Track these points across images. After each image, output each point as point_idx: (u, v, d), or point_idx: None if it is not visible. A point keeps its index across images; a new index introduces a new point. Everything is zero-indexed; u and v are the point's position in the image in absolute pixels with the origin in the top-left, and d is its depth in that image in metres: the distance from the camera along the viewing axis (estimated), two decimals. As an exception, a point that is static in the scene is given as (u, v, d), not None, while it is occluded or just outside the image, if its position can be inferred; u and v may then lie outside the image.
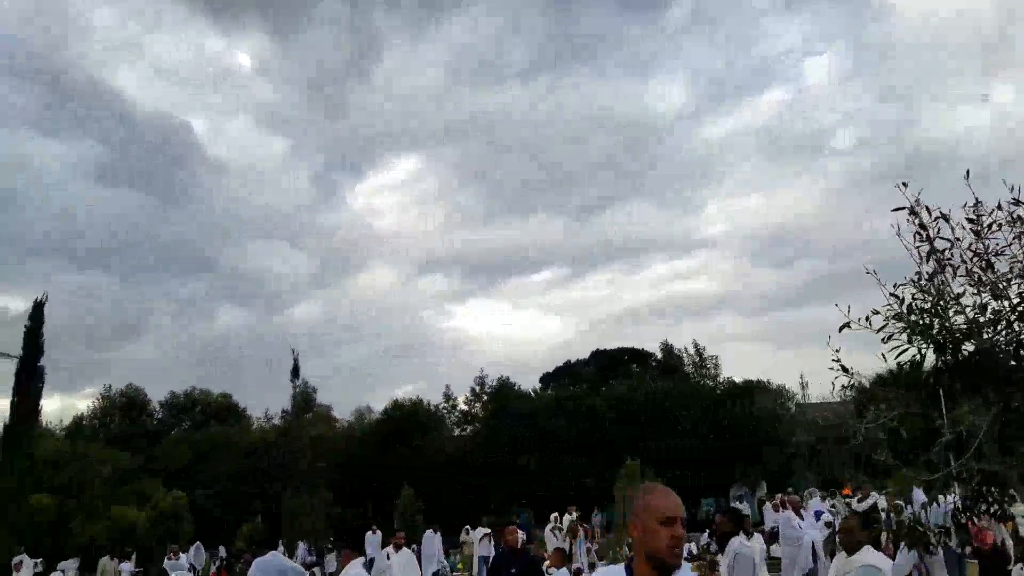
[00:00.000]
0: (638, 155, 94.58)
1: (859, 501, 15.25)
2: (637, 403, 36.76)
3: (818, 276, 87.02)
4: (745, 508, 26.26)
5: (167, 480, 33.02)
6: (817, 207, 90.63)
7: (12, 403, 24.24)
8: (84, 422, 52.76)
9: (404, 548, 15.76)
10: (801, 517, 15.31)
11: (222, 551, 31.82)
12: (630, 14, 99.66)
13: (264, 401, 67.32)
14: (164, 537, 26.86)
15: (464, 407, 53.89)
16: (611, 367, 50.81)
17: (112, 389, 54.87)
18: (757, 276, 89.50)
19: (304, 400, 57.30)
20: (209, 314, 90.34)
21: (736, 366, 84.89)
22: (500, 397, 50.31)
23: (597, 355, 52.61)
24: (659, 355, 50.96)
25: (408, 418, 41.31)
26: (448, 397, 50.99)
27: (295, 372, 18.40)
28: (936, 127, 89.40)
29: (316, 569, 24.77)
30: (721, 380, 44.12)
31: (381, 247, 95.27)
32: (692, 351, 50.64)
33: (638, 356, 51.75)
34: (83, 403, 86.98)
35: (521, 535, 15.01)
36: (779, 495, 22.16)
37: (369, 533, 23.27)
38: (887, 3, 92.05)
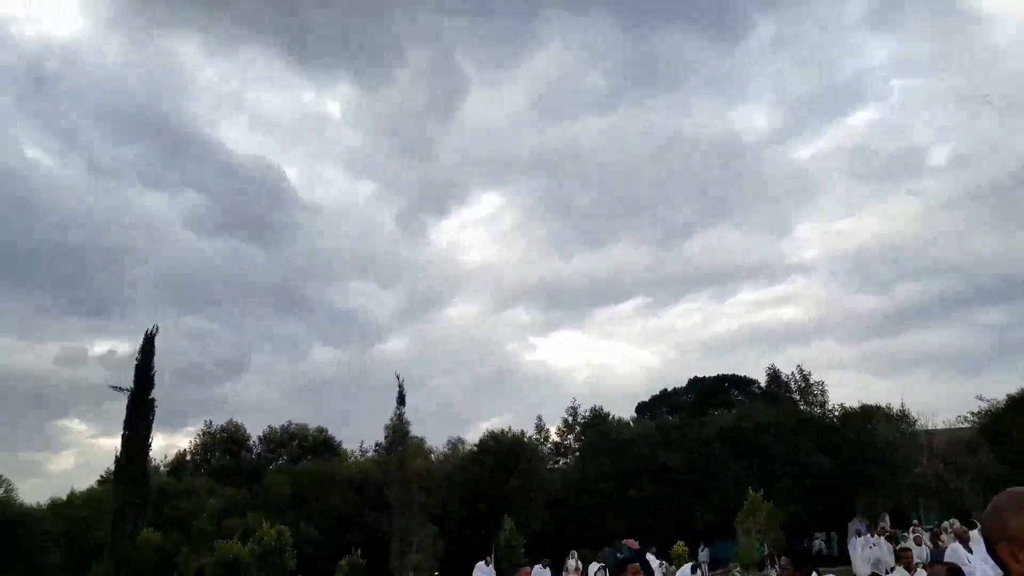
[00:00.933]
0: (723, 180, 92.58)
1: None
2: (746, 431, 34.79)
3: (916, 299, 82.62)
4: (870, 544, 24.05)
5: (270, 514, 32.97)
6: (912, 227, 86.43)
7: (124, 437, 24.45)
8: (187, 457, 54.14)
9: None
10: (970, 550, 13.57)
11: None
12: (710, 38, 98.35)
13: (358, 435, 68.04)
14: (268, 571, 26.63)
15: (556, 438, 52.93)
16: (711, 395, 48.89)
17: (213, 425, 56.28)
18: (852, 301, 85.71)
19: (399, 433, 57.55)
20: (304, 352, 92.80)
21: (837, 394, 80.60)
22: (595, 427, 49.01)
23: (695, 383, 50.78)
24: (763, 382, 48.89)
25: (507, 449, 40.38)
26: (540, 428, 49.97)
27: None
28: None
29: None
30: (829, 407, 41.66)
31: (465, 282, 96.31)
32: (798, 377, 48.27)
33: (739, 383, 49.65)
34: (184, 441, 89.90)
35: None
36: (941, 524, 20.20)
37: (482, 563, 22.47)
38: (980, 14, 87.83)
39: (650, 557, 20.25)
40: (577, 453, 50.41)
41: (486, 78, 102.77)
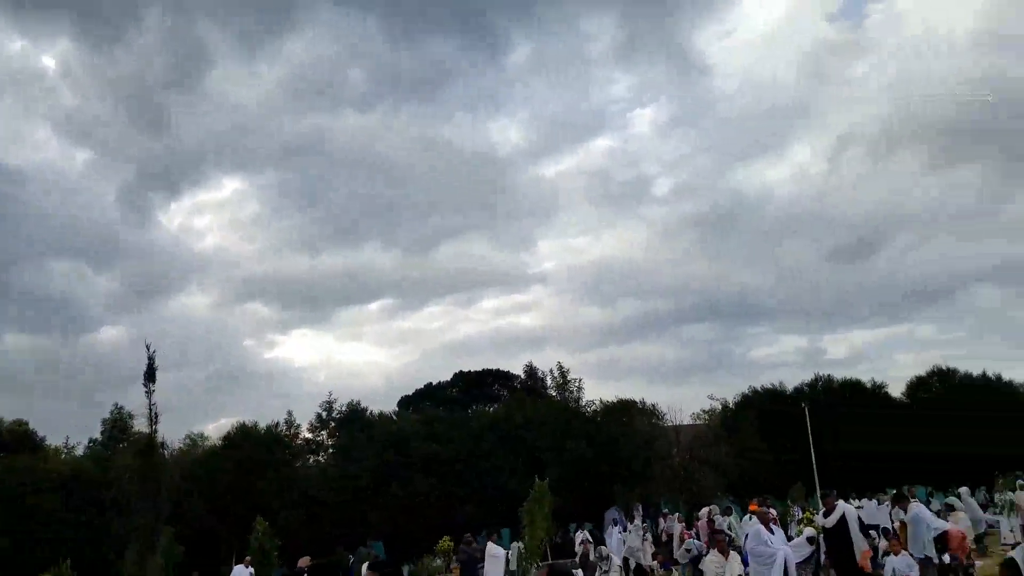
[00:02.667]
0: (477, 190, 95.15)
1: (825, 515, 13.79)
2: (515, 424, 34.51)
3: (638, 314, 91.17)
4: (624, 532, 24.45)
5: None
6: (638, 250, 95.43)
7: None
8: None
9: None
10: (771, 531, 13.61)
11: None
12: (471, 52, 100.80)
13: (63, 431, 58.87)
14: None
15: (308, 434, 49.62)
16: (475, 387, 48.62)
17: None
18: (582, 313, 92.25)
19: (118, 427, 50.36)
20: None
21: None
22: (353, 422, 46.50)
23: (460, 376, 50.24)
24: (523, 377, 49.53)
25: (260, 444, 36.61)
26: (290, 424, 46.34)
27: (150, 375, 14.37)
28: (749, 177, 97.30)
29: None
30: (584, 403, 43.04)
31: (197, 271, 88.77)
32: (556, 373, 49.56)
33: (502, 377, 49.93)
34: None
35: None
36: (705, 509, 20.78)
37: (240, 567, 19.60)
38: (706, 62, 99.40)
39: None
40: (332, 450, 47.56)
41: (235, 54, 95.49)
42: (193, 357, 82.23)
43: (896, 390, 39.85)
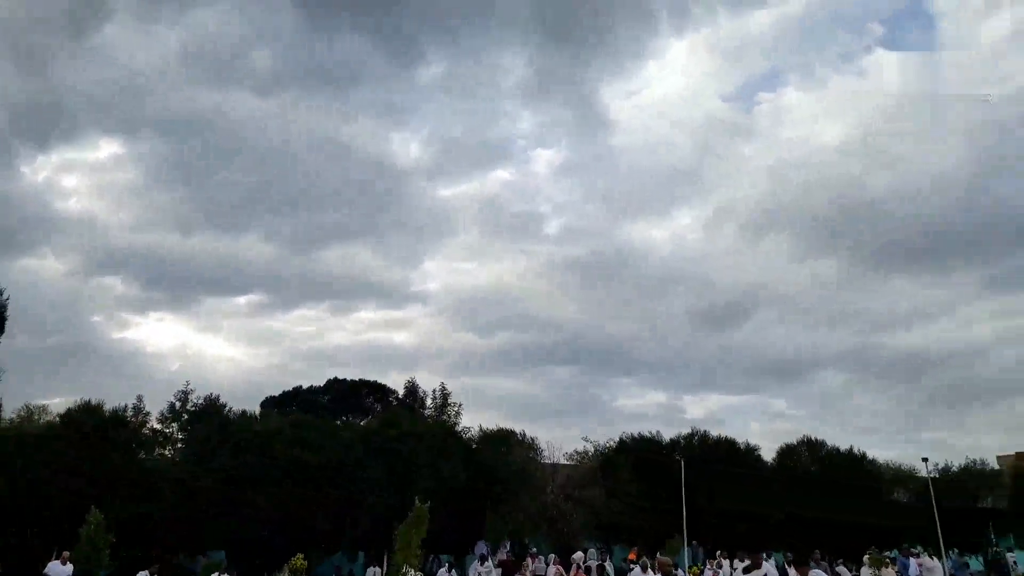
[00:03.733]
0: (371, 197, 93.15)
1: (746, 572, 13.29)
2: (390, 437, 32.80)
3: (512, 347, 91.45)
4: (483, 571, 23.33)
5: None
6: (520, 283, 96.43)
7: None
8: None
9: None
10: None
11: None
12: (384, 57, 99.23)
13: None
14: None
15: (157, 424, 45.74)
16: (350, 398, 46.38)
17: None
18: (457, 338, 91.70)
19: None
20: None
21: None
22: (209, 417, 43.21)
23: (334, 383, 47.77)
24: (401, 392, 47.74)
25: (97, 426, 33.00)
26: (139, 410, 42.44)
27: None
28: (633, 232, 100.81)
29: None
30: (460, 427, 41.82)
31: (55, 233, 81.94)
32: (438, 393, 48.10)
33: (378, 390, 47.87)
34: None
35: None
36: (579, 553, 19.93)
37: (56, 563, 17.08)
38: (608, 116, 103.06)
39: None
40: (180, 444, 43.94)
41: (135, 10, 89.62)
42: (35, 325, 75.33)
43: (766, 455, 41.03)
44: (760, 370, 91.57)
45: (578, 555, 19.46)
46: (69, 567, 18.10)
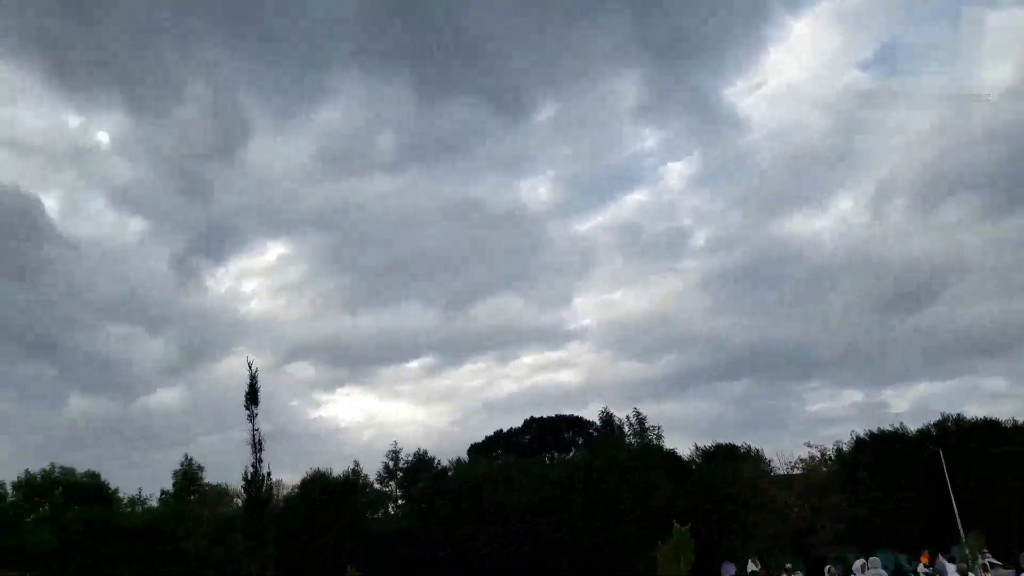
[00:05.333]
0: (509, 248, 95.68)
1: None
2: (605, 469, 32.54)
3: (679, 369, 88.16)
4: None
5: (28, 568, 25.74)
6: (675, 302, 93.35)
7: None
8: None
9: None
10: None
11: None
12: (497, 114, 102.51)
13: (132, 486, 58.32)
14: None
15: (377, 485, 48.30)
16: (549, 435, 46.79)
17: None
18: (621, 368, 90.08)
19: (188, 479, 49.69)
20: (57, 400, 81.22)
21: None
22: (421, 471, 45.08)
23: (532, 423, 48.41)
24: (598, 423, 47.56)
25: (333, 493, 35.25)
26: (357, 473, 44.96)
27: (252, 397, 13.37)
28: (787, 228, 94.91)
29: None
30: (667, 448, 40.72)
31: (245, 334, 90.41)
32: (634, 420, 47.50)
33: (575, 423, 47.96)
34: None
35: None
36: (860, 561, 18.09)
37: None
38: (736, 116, 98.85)
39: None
40: (400, 501, 46.08)
41: (271, 124, 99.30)
42: (241, 418, 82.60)
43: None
44: (964, 350, 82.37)
45: (858, 563, 17.89)
46: None
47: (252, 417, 13.75)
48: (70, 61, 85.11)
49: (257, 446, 13.50)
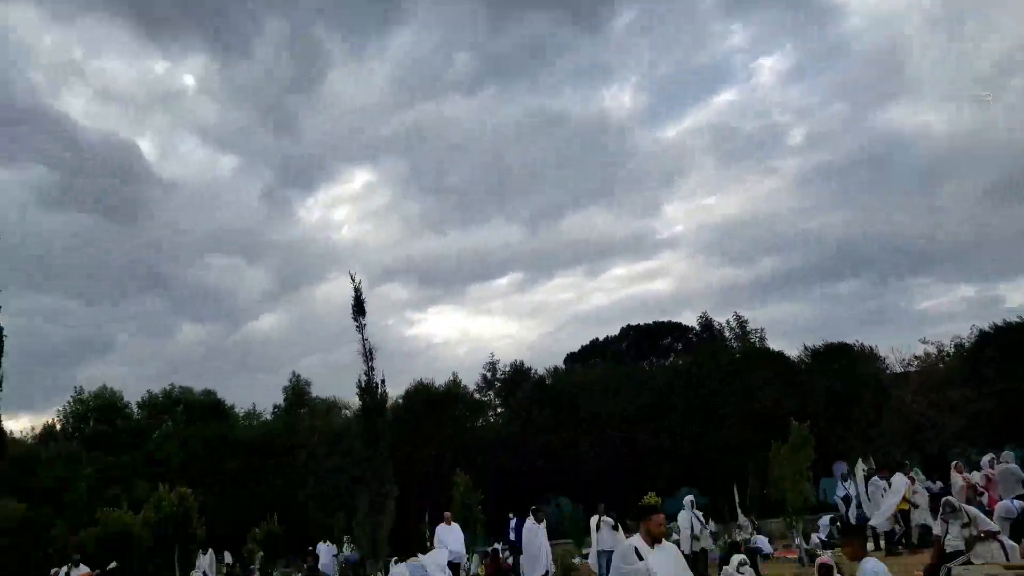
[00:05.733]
0: (593, 160, 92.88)
1: None
2: (705, 374, 31.92)
3: (775, 271, 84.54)
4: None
5: (160, 479, 27.36)
6: (772, 203, 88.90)
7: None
8: (56, 428, 46.72)
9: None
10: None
11: (227, 557, 26.54)
12: (574, 23, 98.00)
13: (245, 404, 62.25)
14: (168, 542, 21.42)
15: (476, 395, 49.20)
16: (645, 342, 46.34)
17: (84, 392, 48.93)
18: (718, 274, 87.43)
19: (297, 394, 52.00)
20: (170, 330, 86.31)
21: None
22: (521, 381, 45.57)
23: (629, 330, 48.02)
24: (698, 328, 46.80)
25: (434, 403, 36.01)
26: (456, 384, 45.66)
27: (359, 309, 13.23)
28: (893, 119, 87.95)
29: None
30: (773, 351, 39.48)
31: (337, 260, 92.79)
32: (734, 324, 46.43)
33: (674, 330, 47.29)
34: (45, 419, 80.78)
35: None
36: (988, 456, 16.79)
37: (443, 524, 18.17)
38: (830, 3, 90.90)
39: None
40: (499, 409, 46.85)
41: (348, 54, 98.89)
42: (340, 340, 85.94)
43: None
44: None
45: (986, 459, 16.60)
46: (455, 526, 19.42)
47: (360, 328, 13.61)
48: (153, 9, 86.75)
49: (368, 355, 13.41)
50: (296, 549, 27.52)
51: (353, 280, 13.60)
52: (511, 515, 23.21)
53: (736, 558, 13.03)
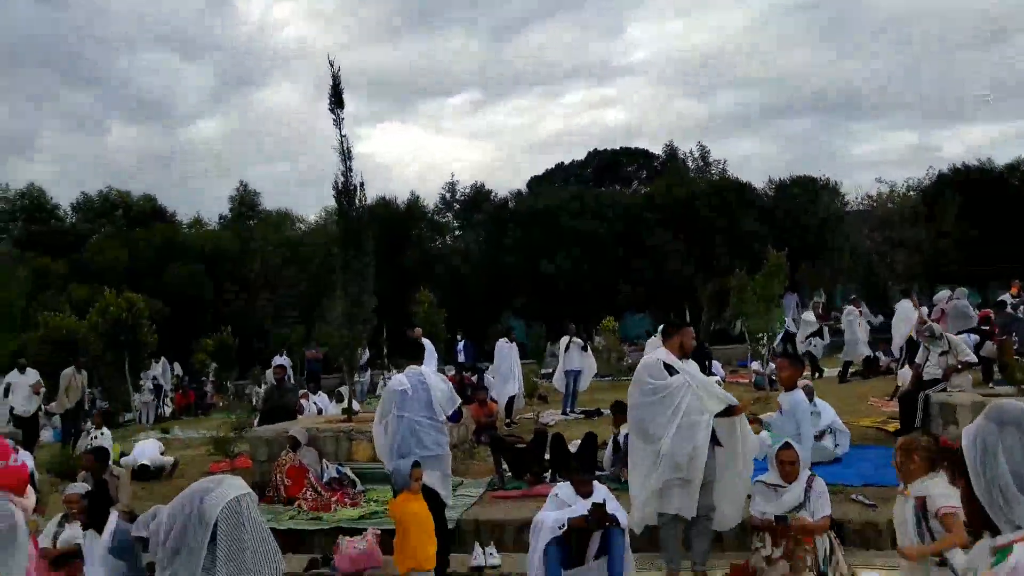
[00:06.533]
0: None
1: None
2: (678, 200, 31.01)
3: (734, 107, 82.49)
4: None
5: (102, 283, 25.73)
6: (738, 35, 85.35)
7: None
8: (-22, 228, 43.85)
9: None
10: None
11: (177, 368, 25.70)
12: None
13: (189, 211, 59.16)
14: (117, 348, 20.31)
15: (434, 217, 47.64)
16: (609, 169, 45.03)
17: (9, 189, 45.61)
18: (676, 105, 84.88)
19: (246, 205, 49.58)
20: (101, 129, 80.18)
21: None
22: (481, 202, 44.18)
23: (594, 155, 46.48)
24: (663, 156, 45.48)
25: (397, 219, 34.51)
26: (417, 201, 43.81)
27: (336, 100, 11.31)
28: None
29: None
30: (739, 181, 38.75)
31: (281, 64, 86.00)
32: (696, 154, 45.19)
33: (639, 156, 45.94)
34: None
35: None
36: (944, 291, 16.80)
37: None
38: None
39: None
40: (458, 232, 45.64)
41: None
42: (284, 151, 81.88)
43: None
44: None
45: (941, 293, 16.49)
46: (427, 342, 18.67)
47: (338, 122, 11.81)
48: None
49: (346, 154, 11.67)
50: (250, 363, 26.80)
51: (332, 65, 11.59)
52: (459, 336, 22.91)
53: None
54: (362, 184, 12.05)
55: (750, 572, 5.63)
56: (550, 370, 20.22)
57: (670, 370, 5.78)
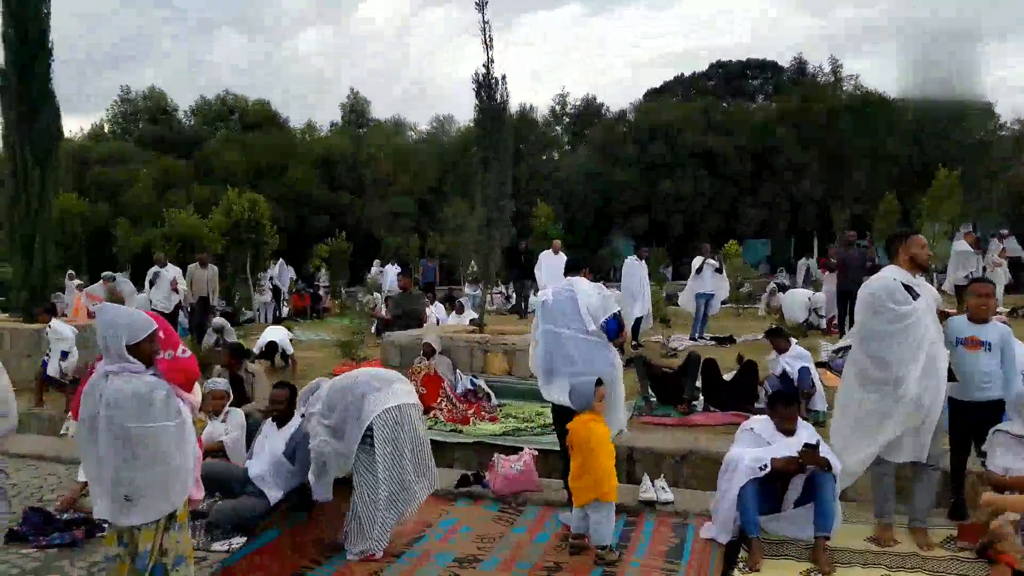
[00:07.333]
0: None
1: None
2: (815, 116, 28.62)
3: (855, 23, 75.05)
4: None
5: (222, 184, 26.01)
6: None
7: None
8: (104, 128, 45.42)
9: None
10: None
11: (291, 271, 26.00)
12: None
13: (300, 116, 59.78)
14: (239, 248, 20.50)
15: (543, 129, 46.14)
16: (734, 82, 42.17)
17: (132, 91, 46.91)
18: (793, 22, 78.41)
19: (357, 113, 49.45)
20: (210, 38, 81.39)
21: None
22: (592, 115, 42.44)
23: (718, 67, 43.58)
24: (790, 71, 42.16)
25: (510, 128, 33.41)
26: (528, 112, 42.33)
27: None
28: None
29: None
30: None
31: None
32: (827, 69, 41.69)
33: (766, 69, 42.78)
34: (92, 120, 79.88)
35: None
36: None
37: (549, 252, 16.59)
38: None
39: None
40: (568, 146, 44.14)
41: None
42: (387, 63, 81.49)
43: None
44: None
45: None
46: (562, 255, 17.95)
47: (482, 5, 10.71)
48: None
49: (488, 43, 10.63)
50: (362, 269, 26.84)
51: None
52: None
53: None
54: (504, 77, 11.14)
55: (990, 538, 4.68)
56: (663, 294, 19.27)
57: (910, 291, 4.76)
